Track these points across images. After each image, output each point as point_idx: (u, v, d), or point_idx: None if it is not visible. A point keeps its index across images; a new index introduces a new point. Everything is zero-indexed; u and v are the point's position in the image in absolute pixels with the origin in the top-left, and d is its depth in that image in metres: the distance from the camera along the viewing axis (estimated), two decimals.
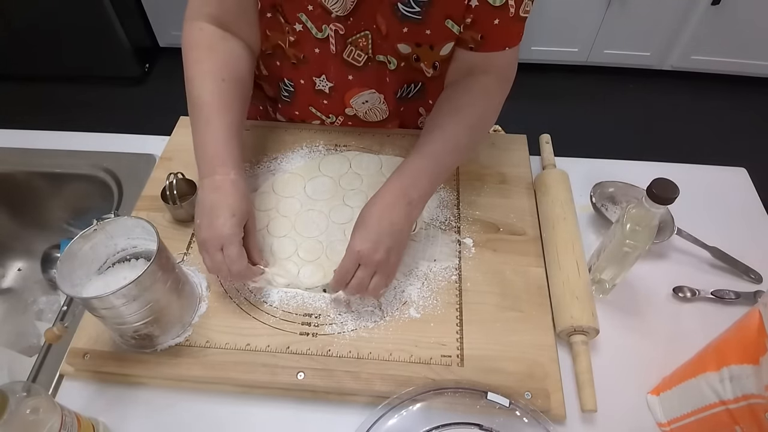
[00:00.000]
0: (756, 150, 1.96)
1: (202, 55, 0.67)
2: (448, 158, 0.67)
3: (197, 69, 0.66)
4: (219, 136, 0.63)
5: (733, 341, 0.50)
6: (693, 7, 1.99)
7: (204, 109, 0.64)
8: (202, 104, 0.64)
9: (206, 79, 0.66)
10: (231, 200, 0.60)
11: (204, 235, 0.59)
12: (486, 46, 0.67)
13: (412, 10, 0.64)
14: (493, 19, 0.64)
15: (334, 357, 0.60)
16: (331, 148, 0.83)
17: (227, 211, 0.59)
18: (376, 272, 0.59)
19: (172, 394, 0.60)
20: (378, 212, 0.60)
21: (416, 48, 0.70)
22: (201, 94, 0.65)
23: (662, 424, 0.58)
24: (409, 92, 0.79)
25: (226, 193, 0.60)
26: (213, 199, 0.60)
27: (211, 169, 0.62)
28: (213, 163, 0.62)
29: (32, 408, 0.46)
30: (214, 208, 0.60)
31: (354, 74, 0.75)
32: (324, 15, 0.67)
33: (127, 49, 2.20)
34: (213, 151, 0.63)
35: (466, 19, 0.65)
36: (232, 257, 0.58)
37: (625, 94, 2.30)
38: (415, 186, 0.62)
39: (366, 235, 0.59)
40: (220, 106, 0.65)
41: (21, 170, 0.88)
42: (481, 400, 0.56)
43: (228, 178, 0.61)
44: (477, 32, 0.66)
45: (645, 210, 0.57)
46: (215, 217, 0.59)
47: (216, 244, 0.59)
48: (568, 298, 0.63)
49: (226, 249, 0.59)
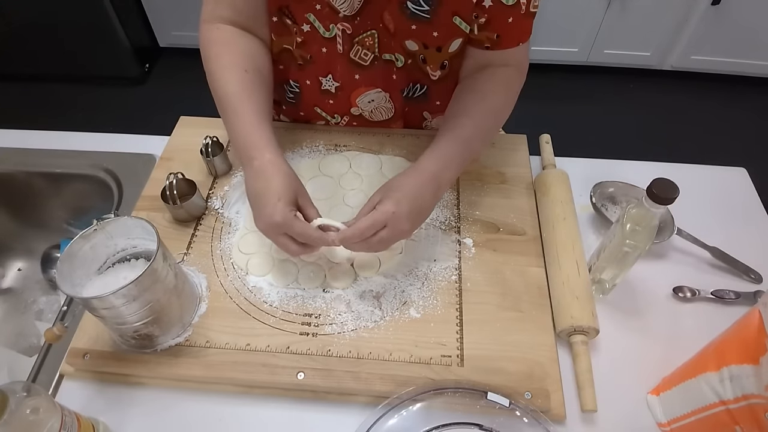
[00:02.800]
0: (756, 150, 1.97)
1: (222, 49, 0.68)
2: (476, 144, 0.68)
3: (218, 63, 0.67)
4: (248, 123, 0.63)
5: (733, 341, 0.50)
6: (693, 7, 1.99)
7: (231, 100, 0.65)
8: (227, 96, 0.65)
9: (228, 72, 0.66)
10: (273, 184, 0.59)
11: (260, 227, 0.60)
12: (502, 44, 0.69)
13: (421, 8, 0.64)
14: (507, 17, 0.65)
15: (334, 357, 0.60)
16: (331, 148, 0.83)
17: (272, 197, 0.59)
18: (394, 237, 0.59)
19: (172, 394, 0.60)
20: (412, 185, 0.61)
21: (423, 49, 0.70)
22: (225, 87, 0.65)
23: (662, 424, 0.58)
24: (414, 92, 0.79)
25: (267, 177, 0.60)
26: (256, 187, 0.60)
27: (248, 157, 0.62)
28: (248, 150, 0.62)
29: (32, 408, 0.46)
30: (260, 196, 0.60)
31: (360, 73, 0.75)
32: (332, 14, 0.68)
33: (127, 49, 2.20)
34: (246, 139, 0.63)
35: (480, 19, 0.66)
36: (301, 233, 0.58)
37: (625, 94, 2.30)
38: (446, 170, 0.64)
39: (400, 200, 0.59)
40: (245, 96, 0.65)
41: (21, 170, 0.88)
42: (481, 400, 0.56)
43: (264, 160, 0.61)
44: (492, 32, 0.67)
45: (645, 210, 0.57)
46: (263, 206, 0.59)
47: (275, 232, 0.59)
48: (568, 298, 0.63)
49: (290, 230, 0.59)
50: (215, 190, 0.78)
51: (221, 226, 0.73)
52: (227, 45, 0.68)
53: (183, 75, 1.82)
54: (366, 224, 0.58)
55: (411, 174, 0.62)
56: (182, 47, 2.30)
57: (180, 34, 2.28)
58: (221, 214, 0.74)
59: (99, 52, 2.19)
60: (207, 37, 0.69)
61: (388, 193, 0.60)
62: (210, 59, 0.68)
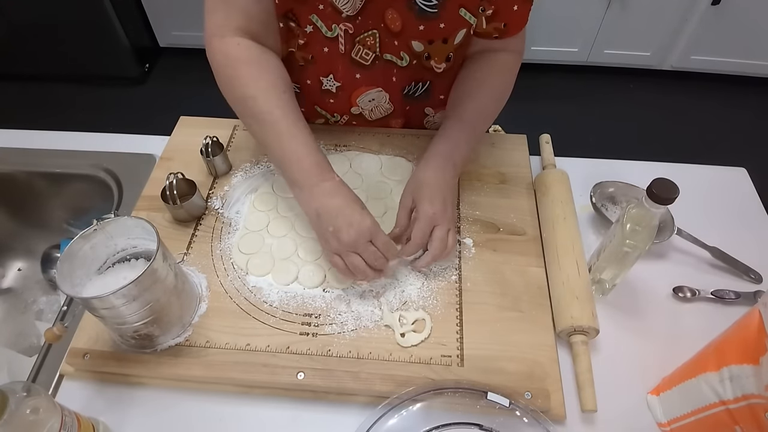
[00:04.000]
0: (756, 150, 1.97)
1: (256, 71, 0.67)
2: (480, 125, 0.74)
3: (256, 86, 0.66)
4: (309, 147, 0.65)
5: (733, 341, 0.50)
6: (693, 7, 1.99)
7: (280, 124, 0.65)
8: (275, 120, 0.65)
9: (270, 95, 0.66)
10: (354, 197, 0.63)
11: (348, 237, 0.60)
12: (509, 33, 0.71)
13: (430, 4, 0.64)
14: (513, 5, 0.67)
15: (334, 357, 0.60)
16: (331, 148, 0.83)
17: (357, 206, 0.62)
18: (449, 229, 0.64)
19: (172, 394, 0.60)
20: (433, 175, 0.66)
21: (428, 45, 0.70)
22: (270, 110, 0.65)
23: (662, 424, 0.58)
24: (416, 91, 0.79)
25: (346, 194, 0.63)
26: (336, 203, 0.62)
27: (318, 178, 0.63)
28: (316, 172, 0.64)
29: (32, 408, 0.46)
30: (344, 209, 0.61)
31: (361, 73, 0.75)
32: (334, 14, 0.68)
33: (127, 49, 2.20)
34: (311, 162, 0.64)
35: (487, 11, 0.67)
36: (385, 242, 0.62)
37: (625, 94, 2.30)
38: (456, 151, 0.69)
39: (432, 197, 0.64)
40: (295, 120, 0.65)
41: (21, 170, 0.88)
42: (481, 400, 0.56)
43: (336, 181, 0.64)
44: (500, 22, 0.69)
45: (645, 210, 0.57)
46: (349, 216, 0.61)
47: (365, 238, 0.61)
48: (568, 298, 0.63)
49: (375, 239, 0.61)
50: (215, 190, 0.78)
51: (221, 226, 0.73)
52: (259, 66, 0.67)
53: (183, 75, 1.82)
54: (419, 236, 0.63)
55: (428, 165, 0.67)
56: (182, 47, 2.30)
57: (180, 34, 2.28)
58: (221, 214, 0.74)
59: (99, 52, 2.19)
60: (227, 53, 0.67)
61: (419, 194, 0.65)
62: (243, 83, 0.66)
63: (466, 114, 0.72)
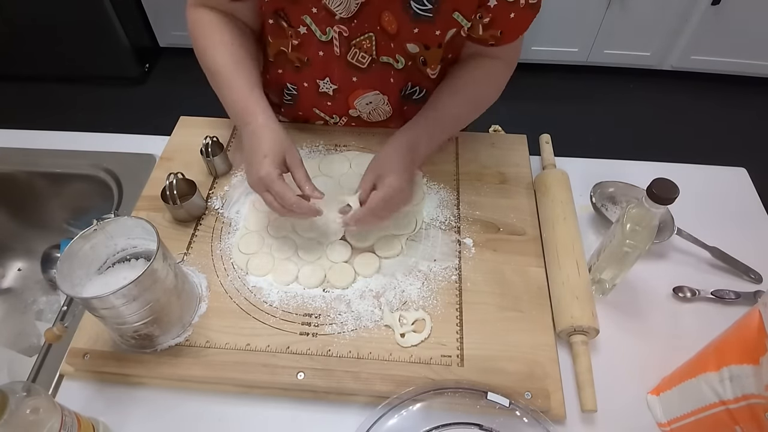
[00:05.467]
0: (756, 150, 1.96)
1: (208, 29, 0.72)
2: (450, 127, 0.76)
3: (206, 41, 0.71)
4: (242, 91, 0.68)
5: (733, 341, 0.50)
6: (693, 7, 1.99)
7: (222, 72, 0.69)
8: (218, 69, 0.69)
9: (217, 47, 0.70)
10: (262, 142, 0.64)
11: (249, 181, 0.65)
12: (504, 40, 0.70)
13: (425, 7, 0.64)
14: (510, 13, 0.66)
15: (334, 357, 0.60)
16: (331, 148, 0.83)
17: (259, 154, 0.63)
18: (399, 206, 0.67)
19: (172, 394, 0.60)
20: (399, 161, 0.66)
21: (424, 50, 0.70)
22: (215, 61, 0.70)
23: (662, 424, 0.58)
24: (414, 92, 0.79)
25: (258, 136, 0.65)
26: (248, 144, 0.66)
27: (244, 122, 0.67)
28: (243, 116, 0.67)
29: (32, 408, 0.46)
30: (250, 152, 0.65)
31: (358, 76, 0.75)
32: (328, 17, 0.68)
33: (127, 49, 2.20)
34: (241, 106, 0.68)
35: (484, 19, 0.67)
36: (278, 192, 0.62)
37: (625, 94, 2.30)
38: (418, 144, 0.70)
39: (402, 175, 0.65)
40: (235, 67, 0.69)
41: (21, 170, 0.88)
42: (481, 400, 0.56)
43: (257, 122, 0.66)
44: (497, 29, 0.68)
45: (645, 210, 0.57)
46: (251, 163, 0.64)
47: (260, 186, 0.63)
48: (568, 298, 0.63)
49: (269, 188, 0.62)
50: (215, 190, 0.78)
51: (221, 226, 0.73)
52: (213, 24, 0.72)
53: (183, 75, 1.82)
54: (377, 201, 0.64)
55: (391, 150, 0.68)
56: (182, 47, 2.30)
57: (180, 34, 2.28)
58: (221, 214, 0.74)
59: (99, 52, 2.19)
60: (193, 18, 0.73)
61: (384, 171, 0.65)
62: (198, 38, 0.72)
63: (438, 113, 0.72)
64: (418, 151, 0.70)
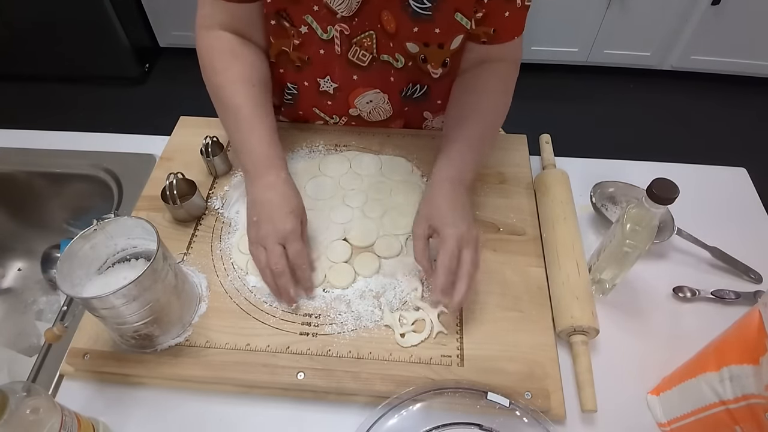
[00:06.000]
0: (756, 150, 1.96)
1: (228, 62, 0.69)
2: (486, 142, 0.71)
3: (226, 76, 0.68)
4: (264, 139, 0.66)
5: (733, 341, 0.50)
6: (693, 7, 1.99)
7: (241, 115, 0.67)
8: (238, 110, 0.67)
9: (237, 86, 0.68)
10: (288, 198, 0.64)
11: (264, 231, 0.61)
12: (499, 39, 0.69)
13: (423, 6, 0.64)
14: (504, 11, 0.66)
15: (334, 357, 0.60)
16: (331, 148, 0.83)
17: (286, 208, 0.62)
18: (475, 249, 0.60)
19: (172, 394, 0.60)
20: (448, 200, 0.62)
21: (424, 48, 0.70)
22: (235, 101, 0.67)
23: (662, 424, 0.58)
24: (414, 92, 0.79)
25: (282, 192, 0.64)
26: (270, 196, 0.63)
27: (263, 171, 0.65)
28: (264, 164, 0.65)
29: (32, 408, 0.46)
30: (273, 204, 0.63)
31: (359, 74, 0.75)
32: (329, 16, 0.68)
33: (127, 49, 2.20)
34: (262, 154, 0.66)
35: (477, 14, 0.66)
36: (297, 250, 0.61)
37: (625, 94, 2.30)
38: (464, 173, 0.66)
39: (453, 220, 0.60)
40: (258, 111, 0.67)
41: (21, 170, 0.88)
42: (481, 400, 0.56)
43: (281, 178, 0.65)
44: (489, 26, 0.68)
45: (645, 210, 0.57)
46: (275, 213, 0.62)
47: (277, 238, 0.61)
48: (568, 298, 0.63)
49: (289, 245, 0.61)
50: (215, 190, 0.78)
51: (221, 226, 0.73)
52: (233, 56, 0.69)
53: (183, 75, 1.82)
54: (446, 262, 0.58)
55: (437, 192, 0.63)
56: (182, 47, 2.30)
57: (180, 34, 2.28)
58: (221, 214, 0.74)
59: (99, 52, 2.19)
60: (208, 46, 0.70)
61: (434, 221, 0.61)
62: (216, 71, 0.69)
63: (473, 133, 0.69)
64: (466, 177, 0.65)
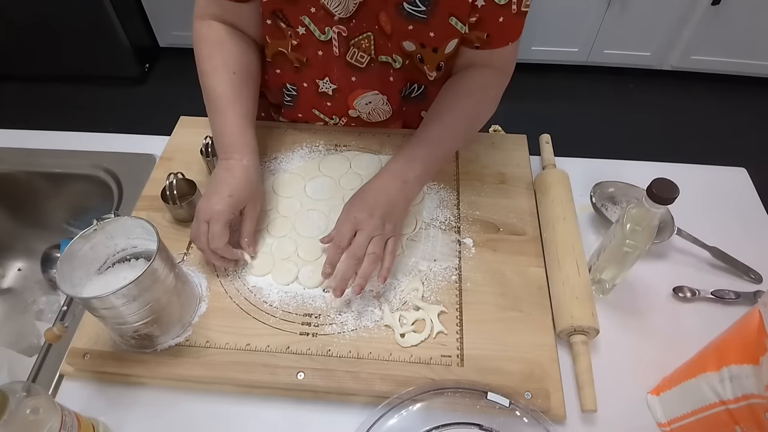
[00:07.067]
0: (756, 150, 1.97)
1: (213, 50, 0.71)
2: (444, 144, 0.72)
3: (209, 63, 0.70)
4: (234, 125, 0.68)
5: (733, 341, 0.50)
6: (693, 7, 1.99)
7: (218, 100, 0.69)
8: (216, 96, 0.69)
9: (218, 73, 0.70)
10: (234, 181, 0.64)
11: (200, 205, 0.64)
12: (491, 44, 0.69)
13: (418, 8, 0.64)
14: (498, 17, 0.65)
15: (334, 357, 0.60)
16: (331, 148, 0.83)
17: (226, 190, 0.63)
18: (374, 237, 0.62)
19: (172, 394, 0.60)
20: (374, 189, 0.65)
21: (420, 48, 0.70)
22: (214, 87, 0.69)
23: (662, 424, 0.58)
24: (412, 91, 0.79)
25: (233, 175, 0.65)
26: (221, 176, 0.65)
27: (228, 154, 0.67)
28: (229, 150, 0.67)
29: (32, 408, 0.46)
30: (218, 184, 0.64)
31: (357, 76, 0.75)
32: (327, 17, 0.68)
33: (127, 49, 2.20)
34: (229, 140, 0.67)
35: (471, 18, 0.66)
36: (214, 232, 0.62)
37: (625, 94, 2.30)
38: (410, 168, 0.67)
39: (362, 204, 0.63)
40: (232, 97, 0.69)
41: (21, 170, 0.88)
42: (481, 400, 0.56)
43: (241, 163, 0.66)
44: (483, 31, 0.67)
45: (645, 210, 0.57)
46: (214, 192, 0.63)
47: (205, 216, 0.62)
48: (568, 298, 0.63)
49: (211, 224, 0.62)
50: None
51: None
52: (218, 45, 0.71)
53: (183, 75, 1.82)
54: (336, 240, 0.62)
55: (371, 181, 0.67)
56: (182, 47, 2.30)
57: (180, 34, 2.28)
58: None
59: (99, 52, 2.19)
60: (199, 33, 0.72)
61: (353, 200, 0.65)
62: (202, 58, 0.71)
63: (428, 134, 0.71)
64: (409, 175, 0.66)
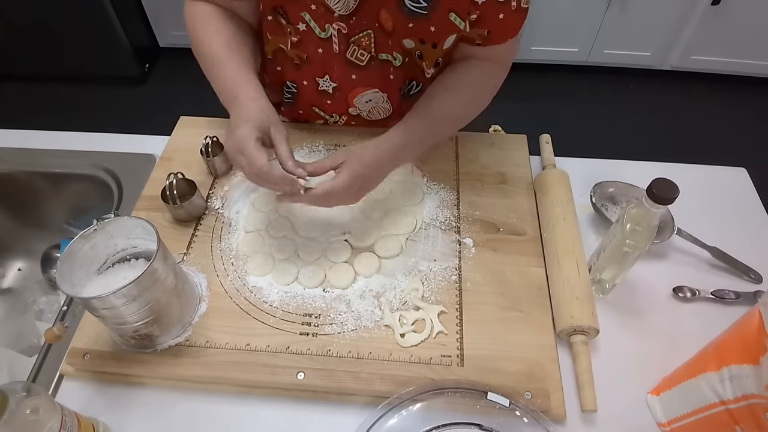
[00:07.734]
0: (756, 150, 1.96)
1: (205, 21, 0.71)
2: (442, 127, 0.73)
3: (202, 33, 0.70)
4: (234, 71, 0.67)
5: (733, 341, 0.50)
6: (693, 7, 1.99)
7: (215, 56, 0.68)
8: (212, 54, 0.68)
9: (213, 37, 0.69)
10: (246, 111, 0.62)
11: (226, 147, 0.63)
12: (492, 41, 0.69)
13: (419, 5, 0.64)
14: (498, 13, 0.65)
15: (334, 357, 0.60)
16: (331, 148, 0.83)
17: (243, 118, 0.61)
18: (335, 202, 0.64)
19: (172, 394, 0.60)
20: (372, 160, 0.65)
21: (420, 44, 0.70)
22: (211, 48, 0.69)
23: (662, 424, 0.58)
24: (410, 89, 0.79)
25: (245, 106, 0.63)
26: (233, 115, 0.63)
27: (232, 96, 0.65)
28: (233, 92, 0.65)
29: (32, 408, 0.46)
30: (232, 121, 0.63)
31: (357, 73, 0.75)
32: (327, 14, 0.68)
33: (127, 49, 2.20)
34: (231, 84, 0.66)
35: (471, 15, 0.66)
36: (250, 155, 0.59)
37: (625, 94, 2.30)
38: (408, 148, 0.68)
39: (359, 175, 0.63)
40: (229, 50, 0.69)
41: (21, 170, 0.88)
42: (481, 400, 0.56)
43: (247, 96, 0.64)
44: (483, 28, 0.67)
45: (645, 210, 0.57)
46: (234, 129, 0.61)
47: (234, 148, 0.60)
48: (568, 298, 0.63)
49: (244, 151, 0.59)
50: (215, 190, 0.78)
51: (221, 226, 0.73)
52: (210, 16, 0.71)
53: (183, 75, 1.82)
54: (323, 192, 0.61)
55: (376, 145, 0.66)
56: (182, 47, 2.28)
57: (180, 34, 2.28)
58: (221, 214, 0.74)
59: (99, 52, 2.19)
60: (191, 11, 0.72)
61: (350, 162, 0.63)
62: (194, 30, 0.71)
63: (433, 114, 0.71)
64: (406, 153, 0.68)
